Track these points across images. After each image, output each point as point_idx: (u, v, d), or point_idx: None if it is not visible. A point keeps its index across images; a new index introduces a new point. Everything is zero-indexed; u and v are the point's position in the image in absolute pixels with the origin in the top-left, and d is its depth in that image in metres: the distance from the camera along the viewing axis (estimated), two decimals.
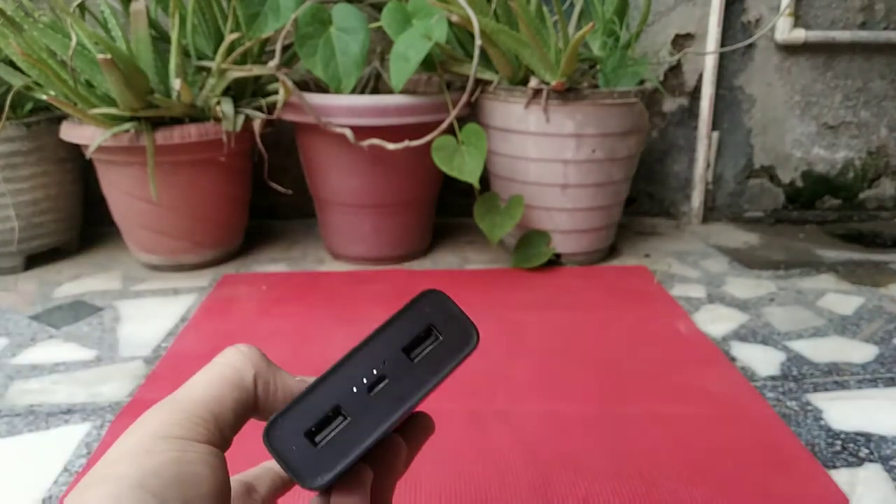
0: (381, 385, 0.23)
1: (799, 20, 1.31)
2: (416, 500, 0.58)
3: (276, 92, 1.10)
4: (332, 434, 0.23)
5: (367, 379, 0.23)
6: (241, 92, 1.10)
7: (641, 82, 1.09)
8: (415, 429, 0.28)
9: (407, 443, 0.27)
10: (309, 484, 0.22)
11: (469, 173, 1.00)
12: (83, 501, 0.20)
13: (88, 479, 0.21)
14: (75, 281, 1.09)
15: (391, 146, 1.01)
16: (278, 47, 1.01)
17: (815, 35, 1.29)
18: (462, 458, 0.63)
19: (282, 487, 0.31)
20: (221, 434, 0.23)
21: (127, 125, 0.98)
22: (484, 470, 0.61)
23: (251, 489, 0.30)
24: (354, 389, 0.23)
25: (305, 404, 0.23)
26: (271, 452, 0.23)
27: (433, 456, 0.63)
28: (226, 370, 0.24)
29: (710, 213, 1.44)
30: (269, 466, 0.32)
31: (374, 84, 1.21)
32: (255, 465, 0.32)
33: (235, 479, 0.30)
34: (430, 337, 0.24)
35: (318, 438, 0.23)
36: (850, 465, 0.63)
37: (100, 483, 0.20)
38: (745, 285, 1.06)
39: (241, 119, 1.04)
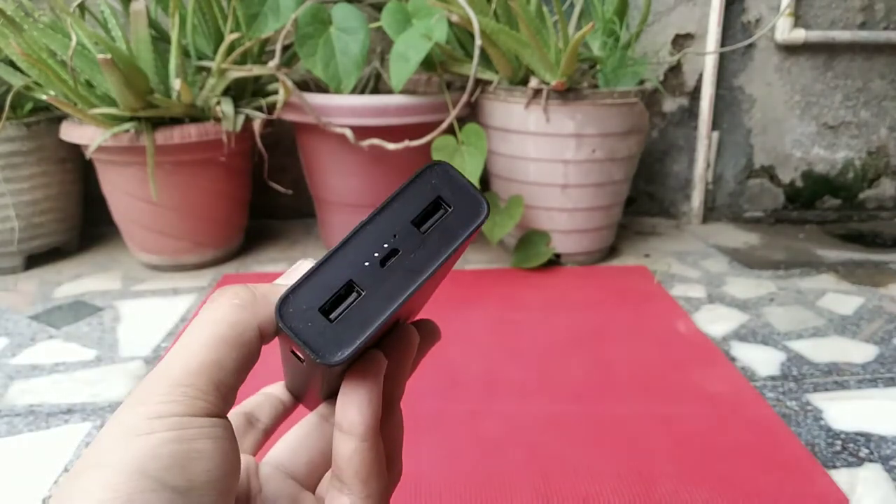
0: (393, 258, 0.22)
1: (799, 20, 1.31)
2: (417, 500, 0.58)
3: (276, 92, 1.10)
4: (348, 309, 0.22)
5: (378, 253, 0.22)
6: (241, 92, 1.10)
7: (641, 82, 1.09)
8: (420, 334, 0.27)
9: None
10: (329, 359, 0.21)
11: (469, 173, 1.00)
12: (76, 490, 0.18)
13: (79, 465, 0.19)
14: (75, 281, 1.09)
15: (391, 146, 1.01)
16: (278, 47, 1.01)
17: (815, 35, 1.29)
18: (462, 457, 0.63)
19: (283, 413, 0.30)
20: (224, 401, 0.22)
21: (127, 125, 0.98)
22: (484, 470, 0.61)
23: (252, 419, 0.29)
24: (367, 263, 0.22)
25: (317, 280, 0.22)
26: (285, 330, 0.21)
27: (433, 456, 0.63)
28: (221, 328, 0.22)
29: (710, 213, 1.44)
30: (269, 392, 0.30)
31: (374, 84, 1.21)
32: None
33: (234, 412, 0.29)
34: (439, 209, 0.23)
35: (332, 315, 0.22)
36: (850, 465, 0.63)
37: (93, 469, 0.19)
38: (745, 285, 1.06)
39: (241, 119, 1.04)
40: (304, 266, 0.25)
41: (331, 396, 0.29)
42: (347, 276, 0.22)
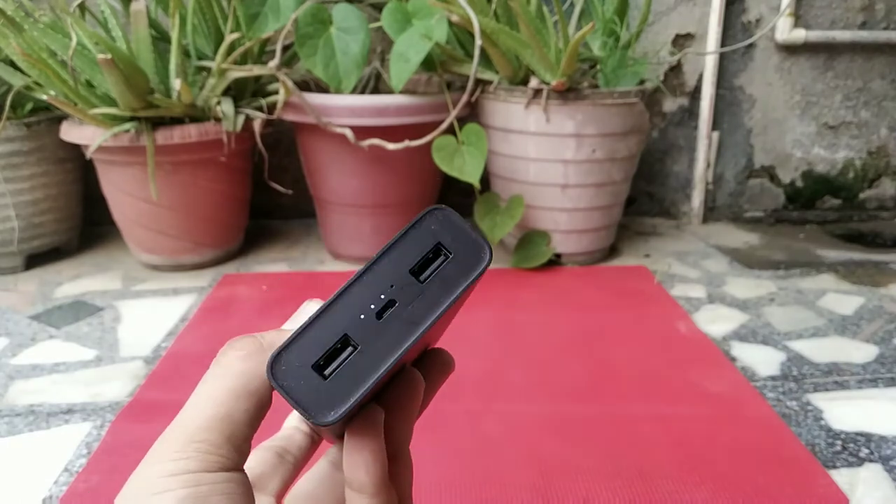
0: (390, 310, 0.22)
1: (799, 20, 1.31)
2: (417, 500, 0.58)
3: (276, 92, 1.10)
4: (343, 365, 0.21)
5: (374, 304, 0.22)
6: (241, 92, 1.10)
7: (642, 82, 1.09)
8: (433, 366, 0.27)
9: (425, 381, 0.26)
10: (321, 419, 0.21)
11: (469, 173, 1.00)
12: None
13: None
14: (75, 281, 1.09)
15: (391, 146, 1.01)
16: (278, 47, 1.01)
17: (815, 35, 1.29)
18: (462, 458, 0.63)
19: (312, 447, 0.30)
20: (238, 452, 0.22)
21: (127, 125, 0.98)
22: (484, 469, 0.61)
23: (283, 453, 0.29)
24: (362, 317, 0.22)
25: (311, 335, 0.21)
26: (277, 389, 0.21)
27: (433, 456, 0.63)
28: (229, 381, 0.22)
29: (711, 213, 1.44)
30: (297, 426, 0.31)
31: (374, 84, 1.21)
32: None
33: (264, 447, 0.29)
34: (439, 256, 0.23)
35: (327, 371, 0.21)
36: (850, 465, 0.63)
37: None
38: (745, 285, 1.06)
39: (241, 119, 1.04)
40: (310, 308, 0.25)
41: (339, 438, 0.28)
42: (342, 330, 0.21)
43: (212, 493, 0.21)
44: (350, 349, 0.21)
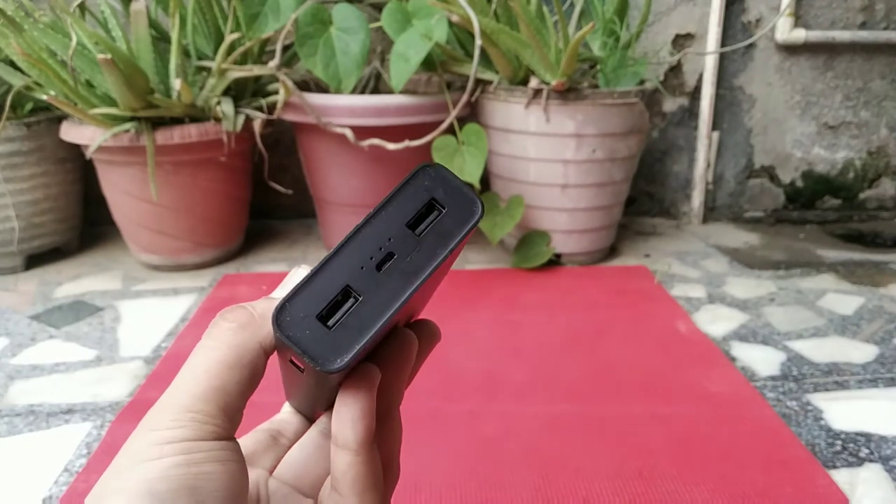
0: (389, 262, 0.22)
1: (799, 20, 1.31)
2: (416, 500, 0.58)
3: (276, 92, 1.10)
4: (345, 315, 0.22)
5: (374, 257, 0.22)
6: (241, 92, 1.10)
7: (642, 82, 1.09)
8: (420, 335, 0.27)
9: None
10: (328, 366, 0.21)
11: (469, 173, 1.00)
12: None
13: (94, 494, 0.21)
14: (75, 281, 1.09)
15: (391, 146, 1.01)
16: (278, 47, 1.01)
17: (815, 35, 1.29)
18: (462, 458, 0.63)
19: (305, 430, 0.31)
20: (231, 422, 0.22)
21: (127, 125, 0.98)
22: (484, 469, 0.61)
23: (277, 436, 0.30)
24: (363, 268, 0.22)
25: (313, 287, 0.22)
26: (283, 339, 0.21)
27: (433, 456, 0.63)
28: (222, 352, 0.23)
29: (711, 213, 1.44)
30: (292, 410, 0.31)
31: (374, 84, 1.21)
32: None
33: (261, 430, 0.30)
34: (433, 211, 0.23)
35: (330, 322, 0.22)
36: (850, 465, 0.63)
37: (106, 497, 0.20)
38: (745, 285, 1.06)
39: (241, 119, 1.04)
40: (298, 274, 0.25)
41: (330, 407, 0.29)
42: (344, 281, 0.22)
43: (206, 461, 0.21)
44: (352, 300, 0.22)
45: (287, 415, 0.31)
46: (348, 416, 0.23)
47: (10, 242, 1.10)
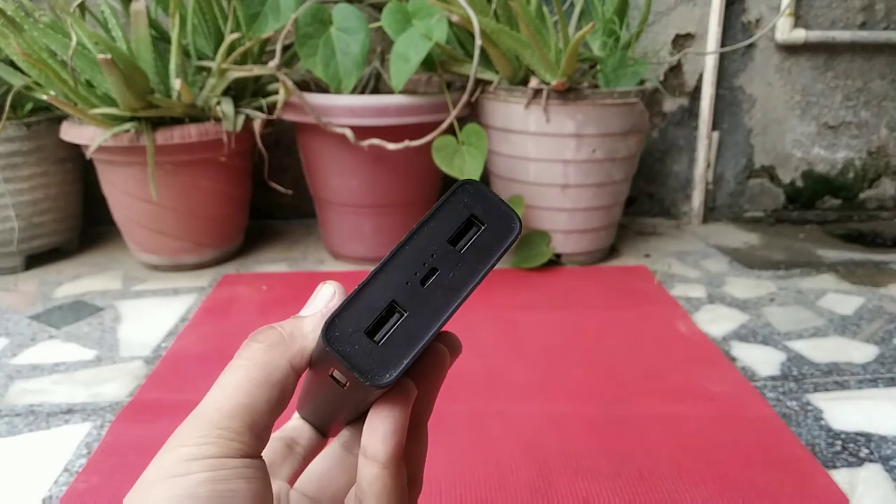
0: (433, 277, 0.23)
1: (799, 20, 1.31)
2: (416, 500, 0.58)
3: (276, 92, 1.10)
4: (392, 330, 0.22)
5: (418, 272, 0.23)
6: (241, 92, 1.10)
7: (641, 82, 1.09)
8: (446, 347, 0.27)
9: None
10: (378, 381, 0.21)
11: (469, 173, 0.99)
12: None
13: None
14: (75, 281, 1.09)
15: (391, 146, 1.01)
16: (278, 47, 1.01)
17: (815, 35, 1.29)
18: (462, 458, 0.63)
19: (321, 440, 0.31)
20: (258, 440, 0.23)
21: (127, 125, 0.98)
22: (484, 470, 0.61)
23: (292, 444, 0.30)
24: (407, 283, 0.23)
25: (360, 303, 0.22)
26: (333, 355, 0.22)
27: (433, 456, 0.63)
28: (252, 371, 0.23)
29: (711, 213, 1.44)
30: (302, 419, 0.31)
31: (374, 84, 1.21)
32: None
33: (275, 438, 0.30)
34: (472, 227, 0.24)
35: (377, 337, 0.22)
36: (850, 465, 0.63)
37: None
38: (745, 285, 1.06)
39: (241, 119, 1.04)
40: (325, 291, 0.25)
41: (353, 422, 0.29)
42: (389, 297, 0.23)
43: (232, 478, 0.21)
44: (397, 315, 0.23)
45: (299, 422, 0.31)
46: (381, 430, 0.23)
47: (10, 242, 1.10)
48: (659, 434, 0.67)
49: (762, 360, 0.82)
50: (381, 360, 0.22)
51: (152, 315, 0.96)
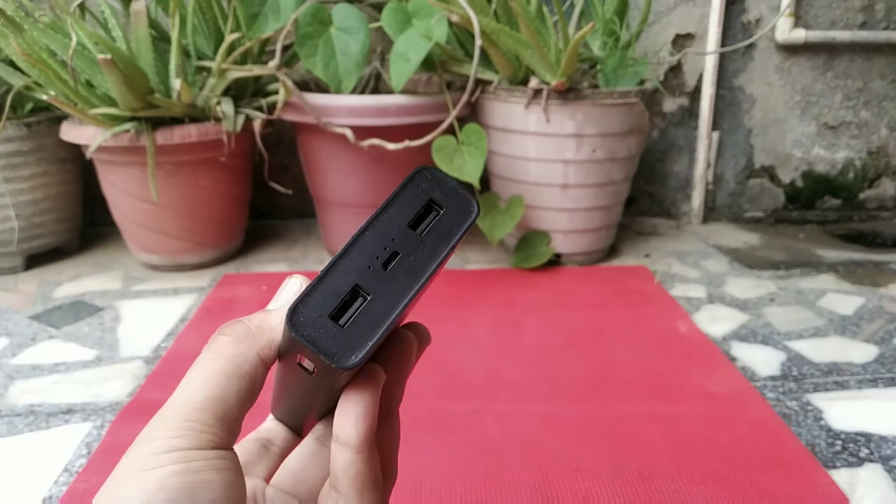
0: (395, 261, 0.23)
1: (799, 20, 1.31)
2: (416, 500, 0.58)
3: (276, 92, 1.10)
4: (356, 313, 0.23)
5: (379, 256, 0.23)
6: (241, 92, 1.10)
7: (642, 82, 1.09)
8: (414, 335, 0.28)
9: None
10: (344, 363, 0.22)
11: (469, 173, 1.00)
12: None
13: (97, 502, 0.21)
14: (75, 281, 1.09)
15: (391, 146, 1.01)
16: (278, 47, 1.01)
17: (815, 35, 1.29)
18: (462, 458, 0.63)
19: (295, 439, 0.31)
20: (229, 432, 0.23)
21: (127, 125, 0.98)
22: (484, 470, 0.61)
23: (267, 444, 0.30)
24: (369, 268, 0.23)
25: (323, 288, 0.23)
26: (298, 339, 0.22)
27: (433, 456, 0.63)
28: (220, 363, 0.23)
29: (711, 213, 1.44)
30: (277, 420, 0.31)
31: (374, 84, 1.21)
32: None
33: (249, 439, 0.30)
34: (431, 211, 0.24)
35: (342, 321, 0.22)
36: (850, 465, 0.63)
37: None
38: (745, 285, 1.06)
39: (241, 119, 1.04)
40: (292, 283, 0.26)
41: (325, 415, 0.29)
42: (352, 281, 0.23)
43: (203, 469, 0.21)
44: (361, 299, 0.23)
45: (273, 423, 0.31)
46: (352, 414, 0.23)
47: (10, 242, 1.10)
48: (659, 434, 0.67)
49: (762, 360, 0.82)
50: (346, 343, 0.22)
51: (152, 315, 0.96)
